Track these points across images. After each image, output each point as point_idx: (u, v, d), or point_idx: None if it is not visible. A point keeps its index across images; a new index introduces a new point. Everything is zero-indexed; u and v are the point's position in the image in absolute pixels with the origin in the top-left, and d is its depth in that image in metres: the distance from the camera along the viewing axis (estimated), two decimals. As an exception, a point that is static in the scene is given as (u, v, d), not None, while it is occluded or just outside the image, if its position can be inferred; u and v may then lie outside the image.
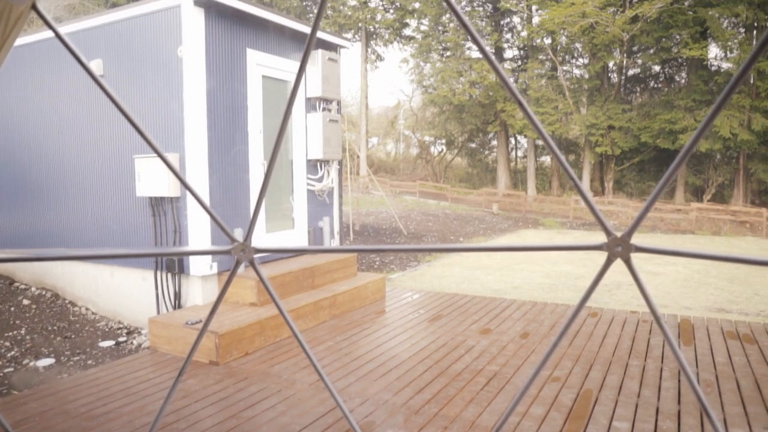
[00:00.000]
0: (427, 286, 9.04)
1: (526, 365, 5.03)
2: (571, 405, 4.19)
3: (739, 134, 22.03)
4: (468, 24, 0.49)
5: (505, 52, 33.61)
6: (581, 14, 23.98)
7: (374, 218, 19.31)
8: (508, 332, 6.03)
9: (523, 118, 27.19)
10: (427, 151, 42.23)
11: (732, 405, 4.26)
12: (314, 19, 0.50)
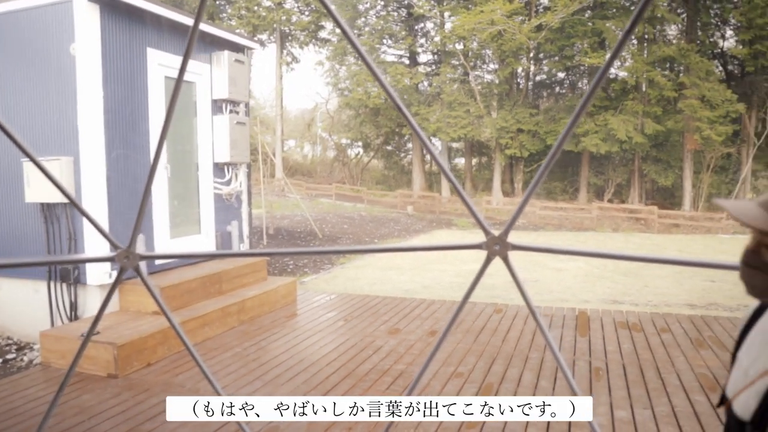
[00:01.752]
0: (340, 289, 9.06)
1: (432, 363, 5.16)
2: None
3: (634, 137, 23.62)
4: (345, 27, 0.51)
5: (420, 57, 34.26)
6: (490, 22, 24.86)
7: (289, 222, 19.12)
8: (416, 331, 6.15)
9: (437, 120, 27.84)
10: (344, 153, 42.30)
11: (618, 389, 4.56)
12: (196, 15, 0.50)
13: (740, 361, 1.26)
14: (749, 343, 1.25)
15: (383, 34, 32.43)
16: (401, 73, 29.80)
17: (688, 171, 25.57)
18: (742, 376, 1.23)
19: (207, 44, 7.21)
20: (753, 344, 1.24)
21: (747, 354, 1.24)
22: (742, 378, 1.23)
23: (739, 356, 1.28)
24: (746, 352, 1.25)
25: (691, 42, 25.04)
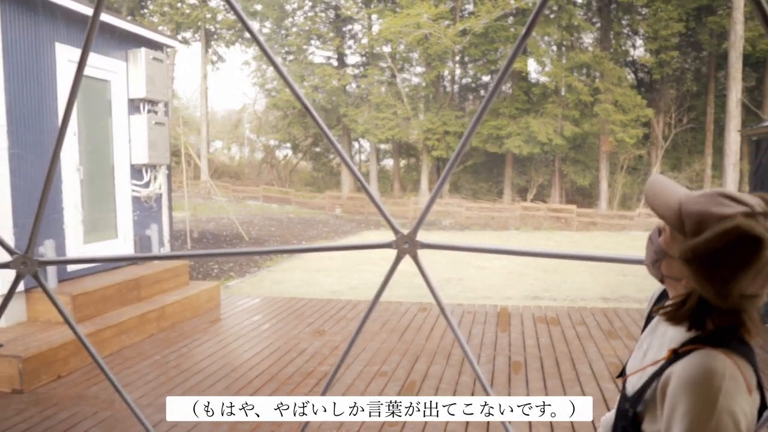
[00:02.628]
0: (266, 292, 8.94)
1: (356, 363, 5.18)
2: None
3: (554, 139, 24.63)
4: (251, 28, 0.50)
5: (348, 58, 34.29)
6: (416, 25, 25.23)
7: (215, 225, 18.66)
8: (341, 332, 6.16)
9: (365, 122, 27.96)
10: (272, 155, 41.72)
11: (535, 381, 4.75)
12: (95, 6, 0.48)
13: (641, 344, 1.35)
14: (651, 327, 1.33)
15: (311, 34, 32.24)
16: (329, 74, 29.74)
17: (604, 171, 26.90)
18: (641, 358, 1.30)
19: (122, 41, 6.93)
20: (654, 332, 1.31)
21: (647, 339, 1.33)
22: (639, 360, 1.30)
23: (640, 339, 1.36)
24: (646, 338, 1.33)
25: (605, 50, 26.37)
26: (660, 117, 27.12)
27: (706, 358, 1.07)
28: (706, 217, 1.05)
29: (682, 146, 28.24)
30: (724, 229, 1.00)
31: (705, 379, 1.05)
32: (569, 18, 26.33)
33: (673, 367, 1.12)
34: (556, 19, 26.54)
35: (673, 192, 1.13)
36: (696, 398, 1.04)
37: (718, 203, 1.06)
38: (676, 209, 1.10)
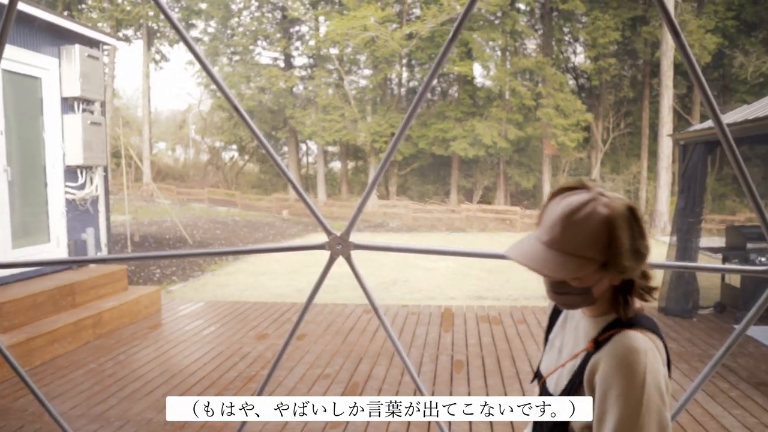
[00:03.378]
0: (209, 296, 8.77)
1: (299, 366, 5.16)
2: (338, 399, 4.40)
3: (498, 142, 25.16)
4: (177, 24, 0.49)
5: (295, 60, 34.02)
6: (363, 28, 25.29)
7: (157, 228, 18.17)
8: (285, 336, 6.10)
9: (312, 124, 27.80)
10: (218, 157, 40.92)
11: (476, 379, 4.84)
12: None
13: (552, 343, 1.39)
14: (559, 325, 1.39)
15: (257, 35, 31.82)
16: (276, 75, 29.43)
17: (547, 174, 27.66)
18: (556, 357, 1.35)
19: (55, 37, 6.67)
20: (564, 328, 1.37)
21: (558, 337, 1.37)
22: (555, 358, 1.35)
23: (550, 339, 1.41)
24: (557, 335, 1.38)
25: (547, 56, 27.14)
26: (599, 121, 28.11)
27: (627, 340, 1.15)
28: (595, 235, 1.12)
29: (620, 150, 29.34)
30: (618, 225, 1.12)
31: (632, 360, 1.12)
32: (513, 24, 26.96)
33: (597, 354, 1.17)
34: (501, 25, 27.14)
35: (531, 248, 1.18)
36: (627, 379, 1.11)
37: (583, 219, 1.13)
38: (569, 258, 1.13)
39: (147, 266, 11.66)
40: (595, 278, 1.16)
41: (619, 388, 1.11)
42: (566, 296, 1.20)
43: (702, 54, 23.52)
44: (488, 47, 28.12)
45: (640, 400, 1.10)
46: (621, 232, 1.12)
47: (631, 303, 1.21)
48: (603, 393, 1.14)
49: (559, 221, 1.15)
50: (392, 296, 8.87)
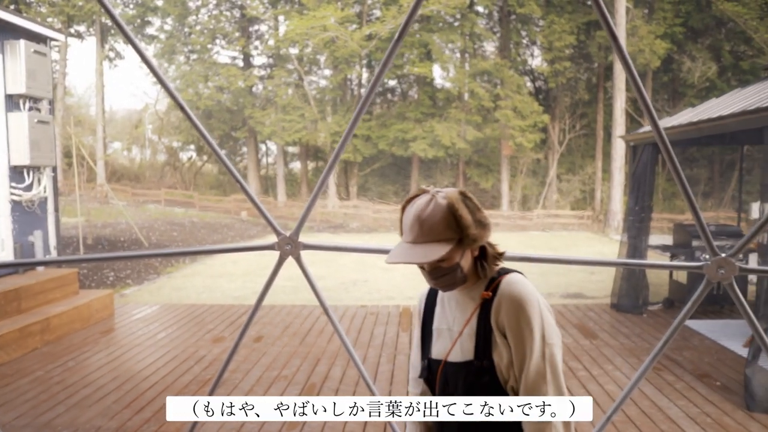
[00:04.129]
0: (165, 299, 8.60)
1: (256, 368, 5.11)
2: (294, 401, 4.38)
3: (457, 143, 25.43)
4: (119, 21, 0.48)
5: (254, 59, 33.62)
6: (322, 28, 25.20)
7: (111, 230, 17.71)
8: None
9: (271, 124, 27.53)
10: (175, 157, 40.11)
11: (433, 380, 4.88)
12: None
13: (439, 330, 1.56)
14: (439, 314, 1.57)
15: (216, 33, 31.34)
16: (235, 75, 29.04)
17: (506, 174, 28.08)
18: (448, 336, 1.53)
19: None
20: (445, 313, 1.55)
21: (443, 321, 1.56)
22: (448, 337, 1.53)
23: (435, 328, 1.58)
24: (441, 322, 1.56)
25: (504, 58, 27.56)
26: (556, 123, 28.68)
27: (512, 278, 1.48)
28: (445, 219, 1.40)
29: (576, 151, 30.01)
30: (457, 206, 1.41)
31: (525, 289, 1.45)
32: (471, 26, 27.28)
33: (495, 298, 1.46)
34: (459, 27, 27.42)
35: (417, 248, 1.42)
36: (525, 305, 1.43)
37: (431, 213, 1.41)
38: (438, 244, 1.39)
39: (100, 269, 11.35)
40: (458, 255, 1.43)
41: (524, 312, 1.42)
42: (444, 277, 1.45)
43: (652, 59, 24.28)
44: (447, 49, 28.38)
45: (539, 316, 1.43)
46: (462, 211, 1.40)
47: (489, 265, 1.50)
48: (515, 323, 1.42)
49: (414, 222, 1.42)
50: (351, 297, 8.87)
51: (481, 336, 1.46)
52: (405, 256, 1.41)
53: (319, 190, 2.41)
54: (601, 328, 6.53)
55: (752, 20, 23.24)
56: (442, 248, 1.39)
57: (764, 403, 4.19)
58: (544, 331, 1.43)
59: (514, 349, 1.43)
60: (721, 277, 2.13)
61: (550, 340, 1.44)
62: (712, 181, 29.03)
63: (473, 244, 1.44)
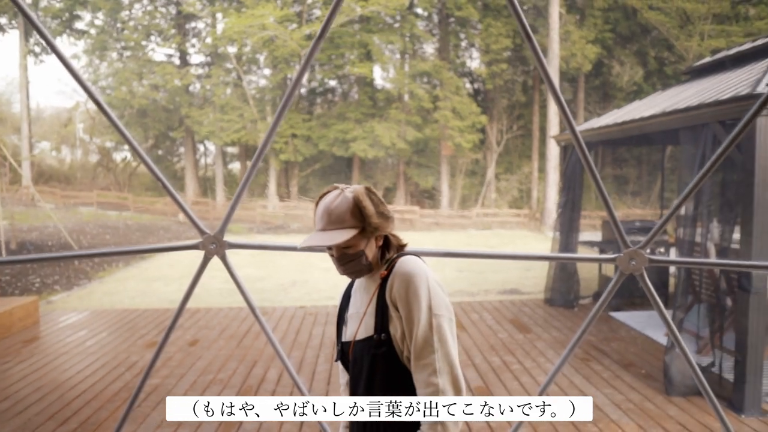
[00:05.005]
0: (96, 305, 8.27)
1: (190, 373, 4.99)
2: (230, 404, 4.30)
3: (397, 144, 25.60)
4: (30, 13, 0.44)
5: (191, 57, 32.79)
6: (261, 26, 24.85)
7: (38, 234, 16.89)
8: (176, 342, 5.89)
9: (209, 124, 26.93)
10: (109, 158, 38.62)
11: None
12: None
13: (351, 315, 1.71)
14: (352, 302, 1.72)
15: (150, 30, 30.37)
16: (170, 72, 28.23)
17: (445, 174, 28.49)
18: (357, 318, 1.67)
19: None
20: (356, 297, 1.71)
21: (354, 306, 1.71)
22: (357, 319, 1.67)
23: (347, 315, 1.73)
24: (352, 307, 1.72)
25: (444, 60, 27.96)
26: (494, 124, 29.33)
27: (405, 260, 1.60)
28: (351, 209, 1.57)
29: (513, 151, 30.79)
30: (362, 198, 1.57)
31: (412, 267, 1.57)
32: (411, 28, 27.54)
33: (390, 277, 1.58)
34: (399, 29, 27.63)
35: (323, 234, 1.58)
36: (414, 279, 1.55)
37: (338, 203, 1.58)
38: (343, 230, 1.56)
39: (25, 275, 10.81)
40: (363, 242, 1.58)
41: (412, 286, 1.54)
42: (350, 263, 1.59)
43: (584, 62, 25.19)
44: (387, 50, 28.54)
45: (427, 289, 1.55)
46: (365, 202, 1.57)
47: (391, 254, 1.66)
48: (404, 295, 1.54)
49: (324, 212, 1.60)
50: (290, 298, 8.79)
51: (379, 313, 1.59)
52: (314, 240, 1.58)
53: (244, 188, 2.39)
54: (535, 322, 6.73)
55: (673, 29, 24.49)
56: (347, 233, 1.55)
57: (681, 388, 4.44)
58: (431, 303, 1.54)
59: (405, 320, 1.55)
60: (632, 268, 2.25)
61: (438, 311, 1.54)
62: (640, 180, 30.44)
63: (376, 233, 1.59)
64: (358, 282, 1.74)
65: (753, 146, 3.98)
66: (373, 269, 1.64)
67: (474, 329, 6.39)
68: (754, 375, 4.11)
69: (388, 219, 1.62)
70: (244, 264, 12.18)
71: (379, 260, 1.66)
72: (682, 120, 4.78)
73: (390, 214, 1.63)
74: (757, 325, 4.08)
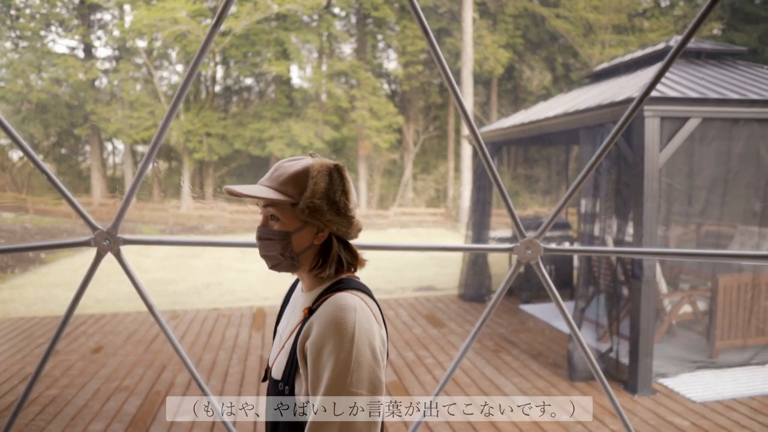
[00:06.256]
0: (-13, 313, 7.69)
1: (93, 381, 4.74)
2: (135, 412, 4.13)
3: (314, 143, 25.48)
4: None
5: (97, 50, 31.09)
6: (173, 20, 23.98)
7: None
8: (78, 350, 5.57)
9: (117, 121, 25.67)
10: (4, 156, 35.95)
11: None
12: None
13: (279, 332, 1.39)
14: (286, 315, 1.39)
15: (49, 19, 28.55)
16: (73, 66, 26.68)
17: (363, 174, 28.66)
18: (278, 342, 1.34)
19: None
20: (289, 311, 1.38)
21: (284, 322, 1.38)
22: (278, 344, 1.34)
23: (278, 330, 1.40)
24: (284, 321, 1.39)
25: (361, 60, 28.11)
26: (410, 124, 29.80)
27: (336, 299, 1.19)
28: (297, 176, 1.25)
29: (430, 151, 31.43)
30: (318, 170, 1.25)
31: (341, 317, 1.15)
32: (328, 27, 27.50)
33: (310, 319, 1.21)
34: (317, 28, 27.51)
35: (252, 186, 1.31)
36: (337, 335, 1.13)
37: (291, 165, 1.28)
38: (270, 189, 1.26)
39: None
40: (293, 223, 1.25)
41: (330, 345, 1.13)
42: (266, 241, 1.27)
43: (496, 66, 26.12)
44: (305, 49, 28.35)
45: (350, 355, 1.12)
46: (319, 178, 1.24)
47: (329, 265, 1.27)
48: (316, 353, 1.15)
49: (275, 168, 1.31)
50: (204, 300, 8.53)
51: (291, 358, 1.24)
52: (244, 189, 1.28)
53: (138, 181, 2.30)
54: (449, 317, 6.90)
55: (578, 37, 25.89)
56: (272, 194, 1.24)
57: (583, 373, 4.70)
58: (352, 375, 1.12)
59: (310, 383, 1.17)
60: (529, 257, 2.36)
61: (356, 386, 1.13)
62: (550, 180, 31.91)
63: (313, 221, 1.24)
64: (297, 290, 1.38)
65: (642, 144, 4.27)
66: (296, 269, 1.29)
67: (389, 326, 6.46)
68: (646, 357, 4.41)
69: (341, 215, 1.26)
70: (155, 267, 11.70)
71: (315, 269, 1.28)
72: (581, 120, 5.06)
73: (350, 213, 1.27)
74: (648, 310, 4.39)
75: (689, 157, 5.11)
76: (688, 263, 5.97)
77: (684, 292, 5.57)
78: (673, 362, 5.04)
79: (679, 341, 5.54)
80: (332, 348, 1.13)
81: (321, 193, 1.23)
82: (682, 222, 6.34)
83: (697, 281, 5.85)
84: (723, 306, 5.05)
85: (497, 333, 6.17)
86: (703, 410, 4.14)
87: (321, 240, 1.27)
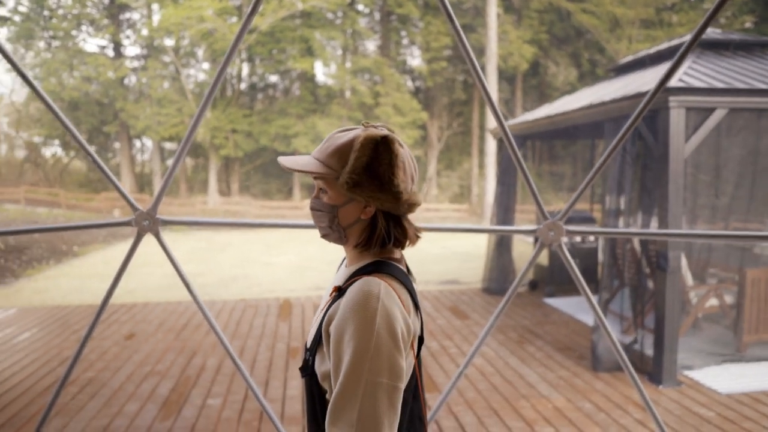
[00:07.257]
0: (24, 303, 7.96)
1: (127, 365, 4.91)
2: (168, 394, 4.27)
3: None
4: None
5: (126, 49, 31.72)
6: (199, 18, 24.33)
7: (-41, 232, 15.97)
8: (111, 336, 5.76)
9: (145, 118, 26.15)
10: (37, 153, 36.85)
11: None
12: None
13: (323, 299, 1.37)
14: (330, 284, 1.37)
15: (81, 19, 29.18)
16: (104, 64, 27.22)
17: (388, 171, 28.75)
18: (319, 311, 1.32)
19: None
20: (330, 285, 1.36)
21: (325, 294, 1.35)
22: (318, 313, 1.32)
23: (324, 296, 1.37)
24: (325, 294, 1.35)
25: (385, 57, 28.17)
26: (434, 121, 29.78)
27: (363, 284, 1.17)
28: (341, 148, 1.22)
29: (454, 148, 31.37)
30: (361, 143, 1.19)
31: (364, 303, 1.13)
32: (352, 24, 27.60)
33: (338, 302, 1.20)
34: (341, 25, 27.64)
35: (301, 158, 1.28)
36: (357, 322, 1.12)
37: (340, 137, 1.26)
38: (316, 162, 1.24)
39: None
40: (339, 197, 1.22)
41: (350, 331, 1.12)
42: (316, 212, 1.27)
43: (521, 62, 25.94)
44: (329, 46, 28.51)
45: (369, 342, 1.11)
46: (362, 151, 1.18)
47: (374, 242, 1.24)
48: (338, 339, 1.14)
49: (327, 138, 1.27)
50: (231, 292, 8.71)
51: (318, 334, 1.23)
52: (291, 162, 1.26)
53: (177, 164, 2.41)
54: (473, 309, 6.94)
55: (605, 32, 25.57)
56: (316, 167, 1.22)
57: (607, 364, 4.71)
58: (371, 362, 1.11)
59: (332, 367, 1.16)
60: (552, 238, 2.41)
61: (377, 375, 1.11)
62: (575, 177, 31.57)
63: (347, 191, 1.20)
64: (343, 263, 1.38)
65: (667, 136, 4.26)
66: (345, 242, 1.28)
67: (414, 317, 6.54)
68: (671, 350, 4.41)
69: (385, 190, 1.20)
70: (183, 261, 11.94)
71: (360, 245, 1.26)
72: (606, 112, 5.06)
73: (396, 188, 1.20)
74: (673, 302, 4.38)
75: (716, 149, 5.07)
76: (715, 256, 5.92)
77: (710, 285, 5.53)
78: (699, 355, 5.03)
79: (705, 334, 5.52)
80: (351, 334, 1.12)
81: (362, 168, 1.18)
82: (707, 217, 6.28)
83: (724, 275, 5.80)
84: (751, 299, 5.02)
85: (521, 325, 6.20)
86: (729, 402, 4.13)
87: (368, 215, 1.23)
